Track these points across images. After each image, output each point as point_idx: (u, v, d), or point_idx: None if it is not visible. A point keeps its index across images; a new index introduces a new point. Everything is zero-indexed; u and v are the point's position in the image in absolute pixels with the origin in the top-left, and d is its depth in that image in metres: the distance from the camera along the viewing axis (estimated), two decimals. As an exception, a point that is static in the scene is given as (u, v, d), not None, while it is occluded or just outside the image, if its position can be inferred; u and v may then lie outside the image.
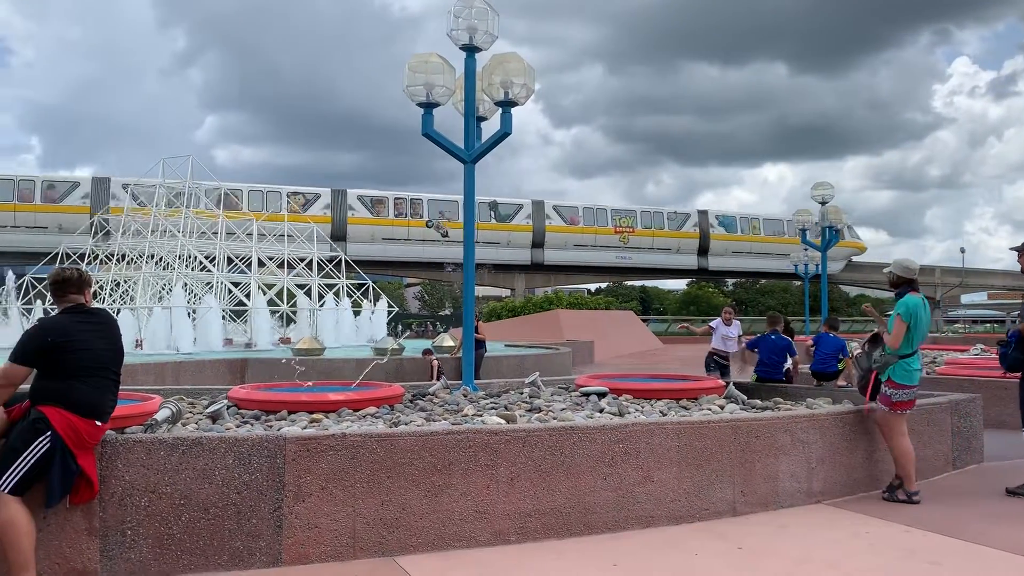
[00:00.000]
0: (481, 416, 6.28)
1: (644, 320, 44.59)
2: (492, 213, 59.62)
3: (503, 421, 5.90)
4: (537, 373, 8.70)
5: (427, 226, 53.54)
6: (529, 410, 6.75)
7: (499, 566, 4.80)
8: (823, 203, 22.70)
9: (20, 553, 4.15)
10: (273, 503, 4.74)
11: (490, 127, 9.00)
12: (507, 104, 8.44)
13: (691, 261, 64.91)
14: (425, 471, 5.03)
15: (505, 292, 64.63)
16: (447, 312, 69.03)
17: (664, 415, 6.60)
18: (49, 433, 4.18)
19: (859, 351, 6.93)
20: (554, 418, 6.29)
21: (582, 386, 7.77)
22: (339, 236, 53.65)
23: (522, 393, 7.89)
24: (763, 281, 75.30)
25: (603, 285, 73.22)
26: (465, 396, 7.63)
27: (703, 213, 65.43)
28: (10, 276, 26.46)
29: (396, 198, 58.03)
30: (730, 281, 78.11)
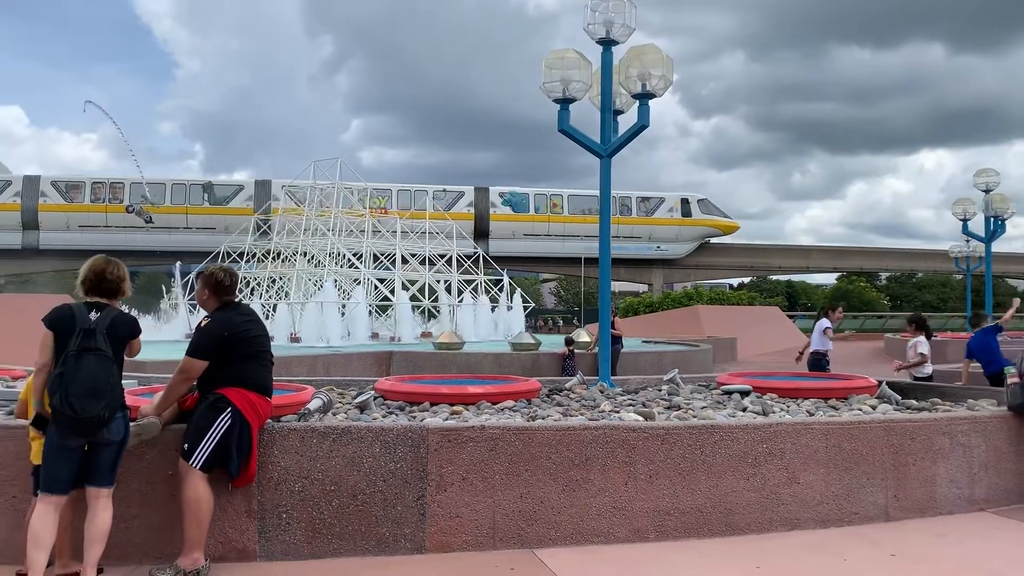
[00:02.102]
0: (618, 412, 6.25)
1: (790, 316, 42.94)
2: (206, 195, 54.57)
3: (641, 418, 5.85)
4: (676, 370, 8.57)
5: (127, 211, 50.47)
6: (668, 407, 6.66)
7: (638, 563, 4.77)
8: (987, 191, 21.12)
9: (197, 530, 4.50)
10: (417, 491, 4.90)
11: (627, 120, 8.93)
12: (644, 96, 8.34)
13: (466, 246, 57.85)
14: (562, 466, 5.06)
15: (642, 287, 63.89)
16: (576, 309, 68.66)
17: (811, 415, 6.35)
18: (229, 410, 4.56)
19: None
20: (694, 416, 6.18)
21: (724, 384, 7.59)
22: (29, 225, 51.24)
23: (660, 390, 7.79)
24: (920, 274, 70.75)
25: (745, 280, 71.00)
26: (602, 392, 7.60)
27: (482, 191, 58.15)
28: (177, 272, 28.47)
29: (94, 182, 53.69)
30: (883, 275, 73.92)
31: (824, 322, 11.34)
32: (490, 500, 4.97)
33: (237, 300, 5.01)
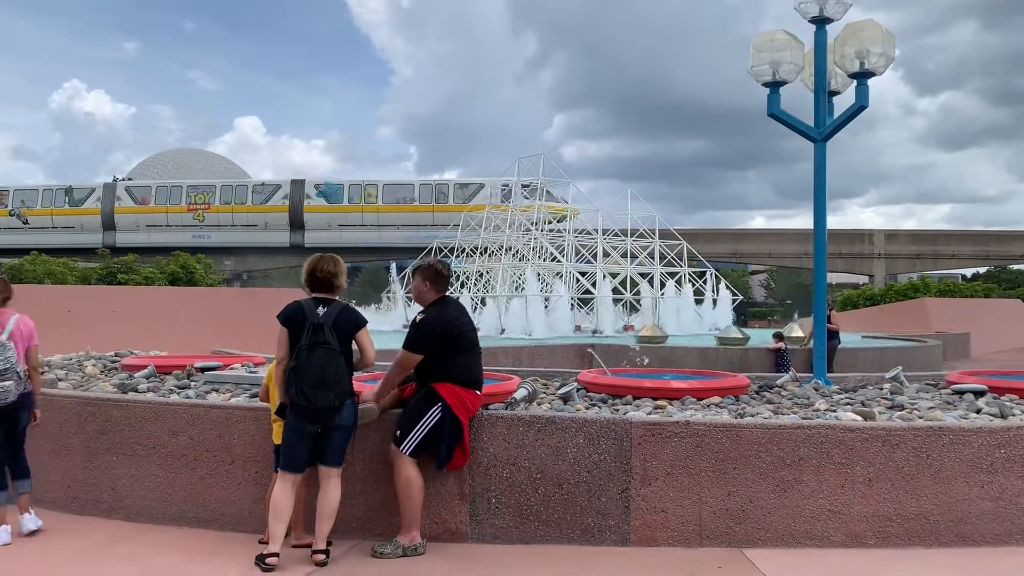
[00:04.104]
0: (835, 411, 5.92)
1: (1034, 310, 38.60)
2: (67, 198, 60.35)
3: (859, 418, 5.52)
4: (900, 368, 7.99)
5: (10, 215, 58.34)
6: (890, 407, 6.23)
7: (856, 569, 4.52)
8: None
9: (412, 511, 4.79)
10: (621, 484, 4.91)
11: (843, 101, 8.42)
12: (863, 75, 7.83)
13: (281, 238, 58.04)
14: (773, 465, 4.88)
15: (862, 279, 60.02)
16: (789, 302, 65.48)
17: (1059, 419, 5.69)
18: (440, 404, 4.79)
19: None
20: (920, 417, 5.73)
21: (955, 383, 6.99)
22: None
23: (882, 389, 7.29)
24: None
25: (980, 270, 64.63)
26: (816, 390, 7.24)
27: (297, 183, 59.16)
28: (394, 267, 30.28)
29: None
30: None
31: None
32: (696, 497, 4.89)
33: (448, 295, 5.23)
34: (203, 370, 7.41)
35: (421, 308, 5.15)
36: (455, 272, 29.32)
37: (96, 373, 7.69)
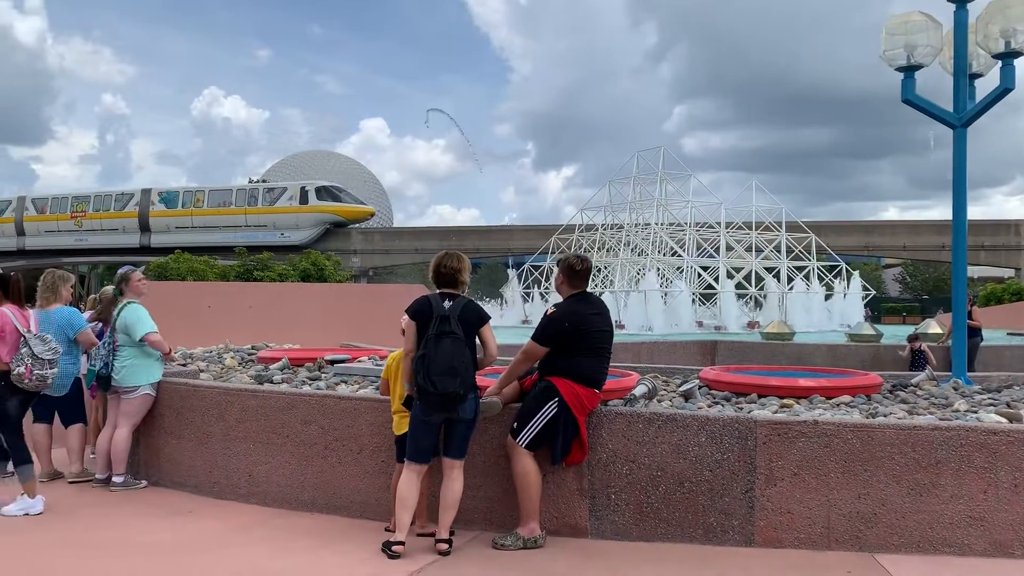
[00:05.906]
0: (976, 412, 5.59)
1: None
2: None
3: (1004, 420, 5.18)
4: (1050, 366, 7.46)
5: None
6: (1039, 409, 5.82)
7: (1000, 582, 4.25)
8: None
9: (530, 501, 4.85)
10: (745, 484, 4.80)
11: (984, 84, 7.91)
12: (1009, 55, 7.34)
13: (134, 240, 67.74)
14: (907, 467, 4.65)
15: (1007, 273, 56.22)
16: (925, 297, 61.93)
17: None
18: (557, 399, 4.82)
19: None
20: (1074, 420, 5.33)
21: (1114, 384, 6.46)
22: None
23: (1030, 389, 6.82)
24: None
25: None
26: (956, 389, 6.85)
27: (146, 191, 69.04)
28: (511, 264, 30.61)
29: None
30: None
31: None
32: (824, 498, 4.73)
33: (588, 291, 5.19)
34: (333, 363, 7.69)
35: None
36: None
37: (234, 365, 8.13)
